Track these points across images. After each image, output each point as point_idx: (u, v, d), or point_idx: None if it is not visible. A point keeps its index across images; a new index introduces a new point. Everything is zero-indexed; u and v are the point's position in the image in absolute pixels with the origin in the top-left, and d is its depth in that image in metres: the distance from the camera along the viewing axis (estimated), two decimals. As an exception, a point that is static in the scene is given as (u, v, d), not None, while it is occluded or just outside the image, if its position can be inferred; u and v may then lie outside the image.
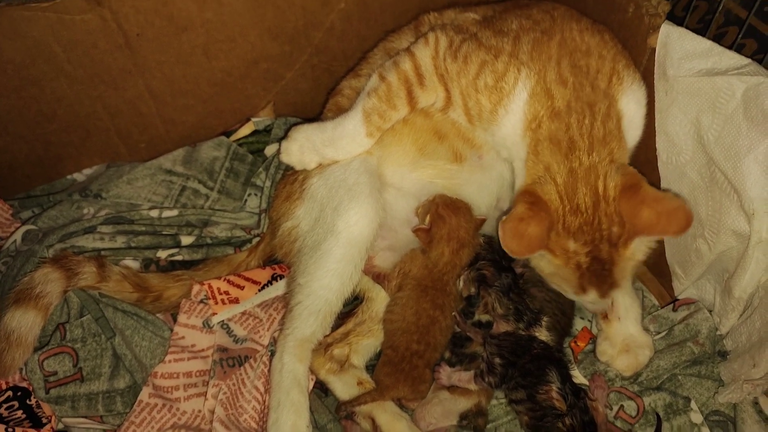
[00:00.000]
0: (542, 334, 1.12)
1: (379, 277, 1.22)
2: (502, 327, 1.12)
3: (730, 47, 1.00)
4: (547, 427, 1.03)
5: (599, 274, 0.97)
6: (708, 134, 1.01)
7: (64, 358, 1.15)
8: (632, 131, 1.04)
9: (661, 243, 1.20)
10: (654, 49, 1.06)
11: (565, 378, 1.06)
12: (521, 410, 1.07)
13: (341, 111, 1.21)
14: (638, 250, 0.98)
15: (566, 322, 1.19)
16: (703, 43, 1.00)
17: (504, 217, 0.96)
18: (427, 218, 1.15)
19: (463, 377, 1.12)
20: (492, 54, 1.02)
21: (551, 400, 1.03)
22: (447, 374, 1.13)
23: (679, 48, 1.01)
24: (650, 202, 0.93)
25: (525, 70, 0.99)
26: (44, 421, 1.12)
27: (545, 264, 1.02)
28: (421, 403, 1.12)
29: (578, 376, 1.15)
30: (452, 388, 1.11)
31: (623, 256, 0.97)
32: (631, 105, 1.02)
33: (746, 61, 0.97)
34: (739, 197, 0.99)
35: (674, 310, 1.20)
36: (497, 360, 1.08)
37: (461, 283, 1.16)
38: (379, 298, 1.24)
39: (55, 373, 1.14)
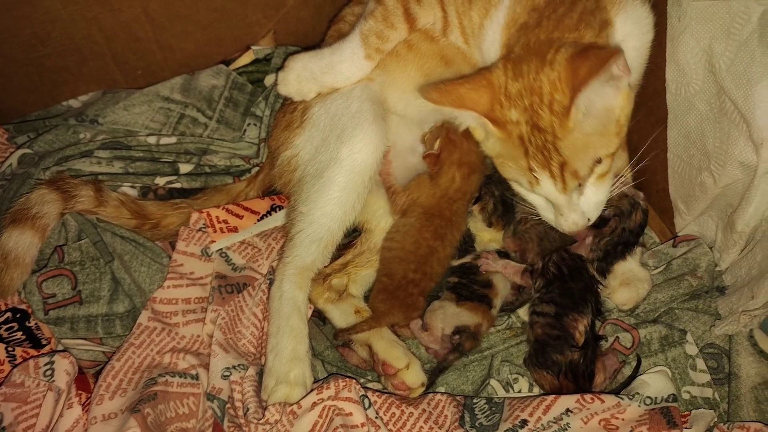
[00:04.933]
0: None
1: (390, 190, 1.20)
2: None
3: (748, -30, 0.97)
4: (557, 347, 1.03)
5: (544, 147, 0.91)
6: (720, 62, 0.98)
7: (62, 281, 1.14)
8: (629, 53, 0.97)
9: (664, 178, 1.19)
10: (669, -27, 1.02)
11: (595, 318, 1.06)
12: (539, 322, 1.06)
13: (343, 38, 1.17)
14: (584, 121, 0.90)
15: None
16: (722, -34, 0.96)
17: None
18: (437, 143, 1.13)
19: (511, 268, 1.12)
20: None
21: (574, 330, 1.03)
22: (494, 258, 1.13)
23: (696, -30, 0.98)
24: (588, 55, 0.86)
25: None
26: (44, 342, 1.12)
27: (492, 144, 0.97)
28: (428, 310, 1.13)
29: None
30: (460, 303, 1.11)
31: (566, 127, 0.89)
32: (628, 24, 0.97)
33: (765, -17, 0.94)
34: (749, 127, 0.97)
35: (674, 246, 1.20)
36: (553, 269, 1.09)
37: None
38: (377, 230, 1.24)
39: (54, 296, 1.13)
